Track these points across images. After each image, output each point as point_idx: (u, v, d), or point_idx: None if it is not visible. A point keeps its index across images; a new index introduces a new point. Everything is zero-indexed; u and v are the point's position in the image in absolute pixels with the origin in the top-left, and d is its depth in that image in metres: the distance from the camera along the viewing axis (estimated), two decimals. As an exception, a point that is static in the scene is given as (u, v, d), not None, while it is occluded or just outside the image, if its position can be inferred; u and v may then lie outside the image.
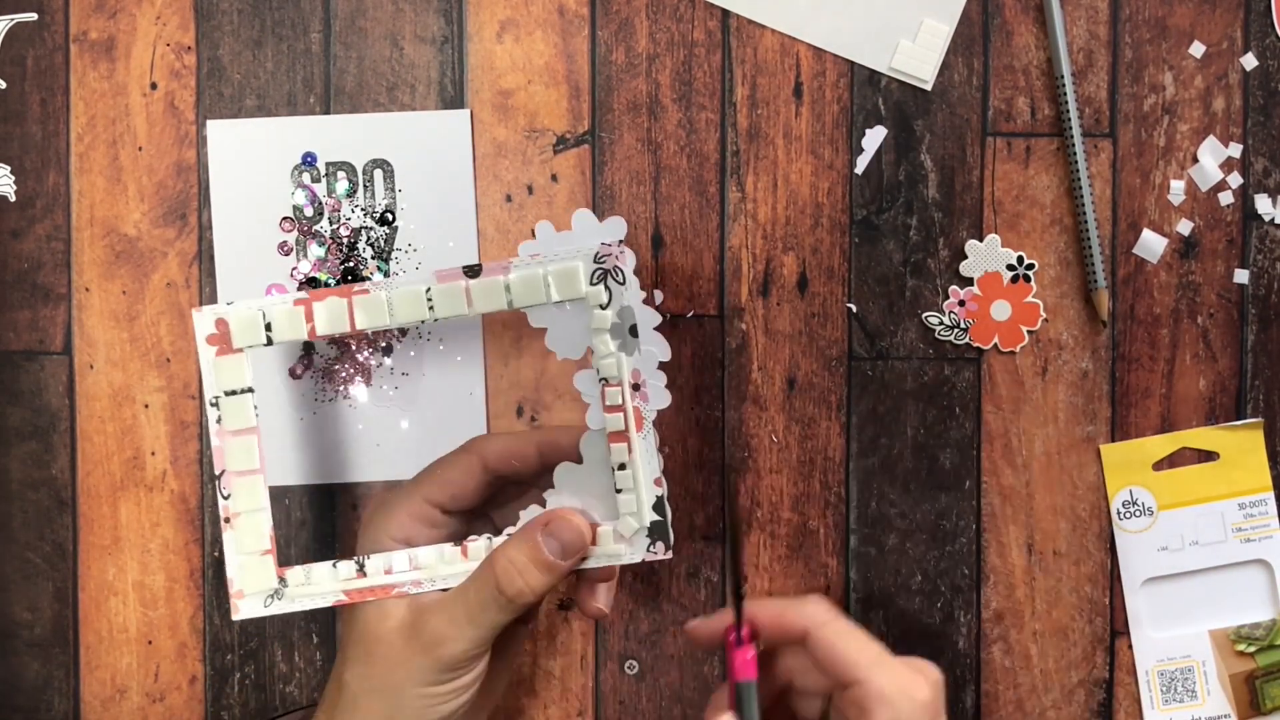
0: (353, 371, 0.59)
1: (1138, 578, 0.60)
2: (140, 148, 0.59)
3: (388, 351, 0.59)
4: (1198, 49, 0.59)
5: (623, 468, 0.51)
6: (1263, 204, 0.59)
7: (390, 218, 0.59)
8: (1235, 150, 0.59)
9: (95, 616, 0.60)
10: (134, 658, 0.60)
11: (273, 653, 0.60)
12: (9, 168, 0.59)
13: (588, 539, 0.51)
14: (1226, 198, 0.59)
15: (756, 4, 0.59)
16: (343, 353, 0.59)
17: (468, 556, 0.52)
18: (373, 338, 0.59)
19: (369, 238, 0.59)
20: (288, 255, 0.59)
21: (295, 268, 0.59)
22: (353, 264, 0.59)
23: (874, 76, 0.59)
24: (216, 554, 0.60)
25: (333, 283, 0.59)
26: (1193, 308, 0.60)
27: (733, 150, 0.59)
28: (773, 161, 0.59)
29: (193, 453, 0.60)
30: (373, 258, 0.59)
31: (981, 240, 0.59)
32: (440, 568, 0.51)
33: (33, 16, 0.59)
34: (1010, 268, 0.59)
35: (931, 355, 0.60)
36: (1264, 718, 0.60)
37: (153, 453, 0.60)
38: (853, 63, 0.59)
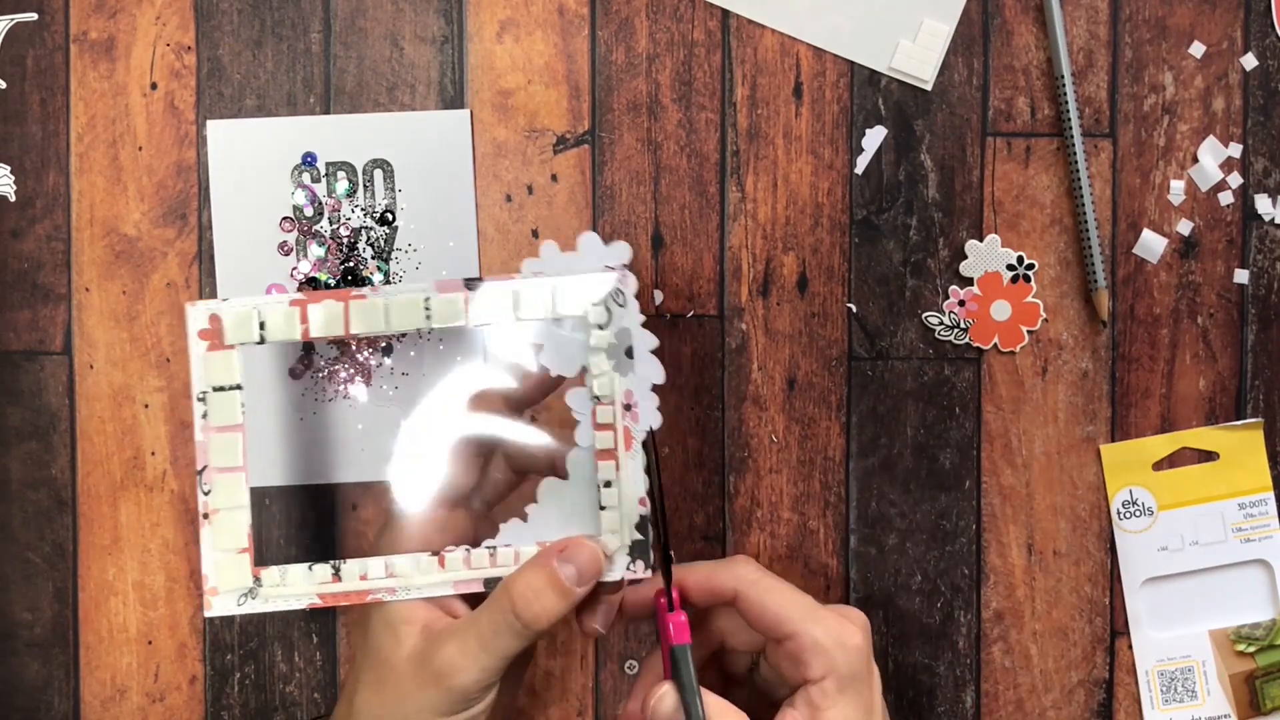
0: (353, 371, 0.59)
1: (1138, 578, 0.60)
2: (140, 148, 0.59)
3: (388, 352, 0.59)
4: (1198, 49, 0.59)
5: (608, 485, 0.51)
6: (1263, 204, 0.59)
7: (390, 218, 0.59)
8: (1235, 150, 0.59)
9: (95, 616, 0.60)
10: (134, 658, 0.60)
11: (273, 653, 0.60)
12: (9, 168, 0.59)
13: (603, 564, 0.51)
14: (1226, 198, 0.59)
15: (756, 4, 0.59)
16: (343, 353, 0.59)
17: (444, 567, 0.51)
18: (372, 338, 0.59)
19: (369, 238, 0.59)
20: (288, 255, 0.59)
21: (295, 268, 0.59)
22: (353, 264, 0.59)
23: (874, 76, 0.59)
24: (216, 554, 0.60)
25: (333, 283, 0.59)
26: (1193, 308, 0.60)
27: (733, 150, 0.59)
28: (773, 161, 0.59)
29: (193, 453, 0.59)
30: (373, 258, 0.59)
31: (981, 240, 0.59)
32: (416, 576, 0.51)
33: (33, 16, 0.59)
34: (1010, 268, 0.59)
35: (931, 355, 0.60)
36: (1264, 718, 0.60)
37: (153, 453, 0.60)
38: (853, 63, 0.59)
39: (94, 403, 0.60)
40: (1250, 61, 0.59)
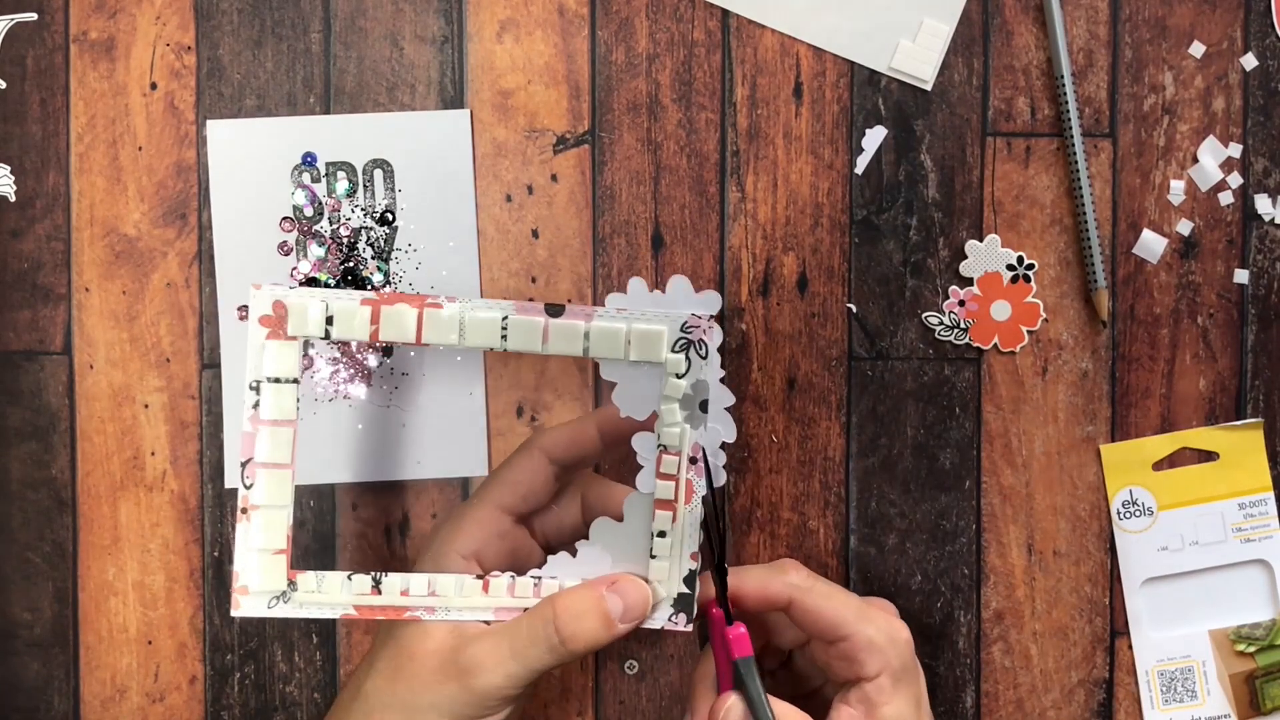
0: (353, 371, 0.59)
1: (1138, 578, 0.60)
2: (140, 148, 0.59)
3: (388, 351, 0.59)
4: (1198, 49, 0.59)
5: (662, 535, 0.50)
6: (1263, 204, 0.59)
7: (390, 218, 0.59)
8: (1235, 150, 0.59)
9: (95, 616, 0.60)
10: (134, 658, 0.60)
11: (273, 653, 0.60)
12: (9, 168, 0.59)
13: (649, 608, 0.51)
14: (1226, 198, 0.59)
15: (756, 4, 0.59)
16: (343, 353, 0.59)
17: (488, 592, 0.50)
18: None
19: (369, 238, 0.59)
20: (288, 255, 0.59)
21: (295, 268, 0.59)
22: (353, 264, 0.59)
23: (874, 76, 0.59)
24: (216, 554, 0.60)
25: (333, 283, 0.59)
26: (1193, 308, 0.60)
27: (733, 150, 0.59)
28: (773, 161, 0.59)
29: (193, 453, 0.60)
30: (373, 258, 0.59)
31: (981, 240, 0.59)
32: (456, 599, 0.50)
33: (33, 16, 0.59)
34: (1010, 268, 0.59)
35: (931, 355, 0.60)
36: (1264, 718, 0.60)
37: (153, 453, 0.60)
38: (853, 63, 0.59)
39: (94, 403, 0.60)
40: (1250, 61, 0.59)
